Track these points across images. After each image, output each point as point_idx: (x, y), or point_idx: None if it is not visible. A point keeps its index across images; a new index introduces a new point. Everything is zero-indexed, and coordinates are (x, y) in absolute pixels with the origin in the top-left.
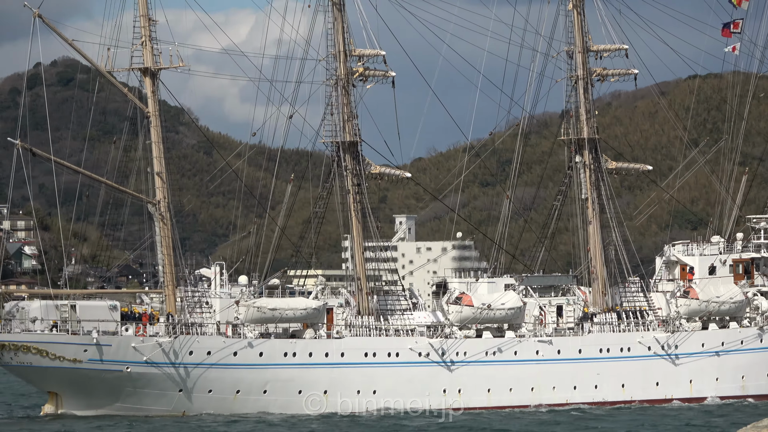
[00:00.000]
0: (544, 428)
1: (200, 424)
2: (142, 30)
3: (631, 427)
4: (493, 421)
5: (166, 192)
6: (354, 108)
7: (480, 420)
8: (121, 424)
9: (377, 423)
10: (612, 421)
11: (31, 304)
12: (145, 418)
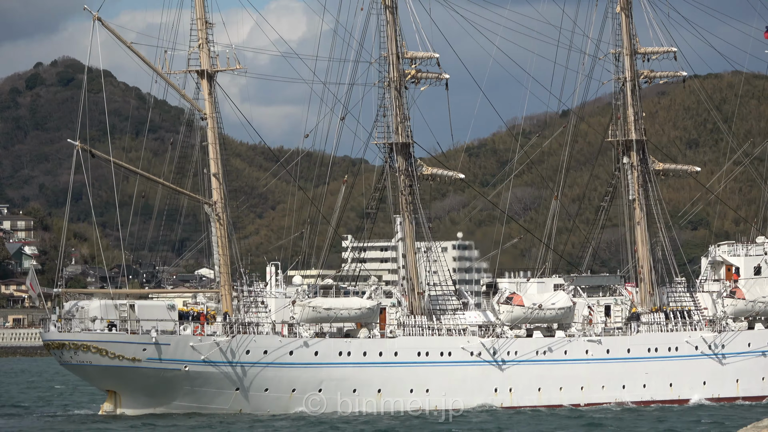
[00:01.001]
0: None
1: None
2: (198, 33)
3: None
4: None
5: (222, 193)
6: (406, 110)
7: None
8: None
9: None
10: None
11: (90, 304)
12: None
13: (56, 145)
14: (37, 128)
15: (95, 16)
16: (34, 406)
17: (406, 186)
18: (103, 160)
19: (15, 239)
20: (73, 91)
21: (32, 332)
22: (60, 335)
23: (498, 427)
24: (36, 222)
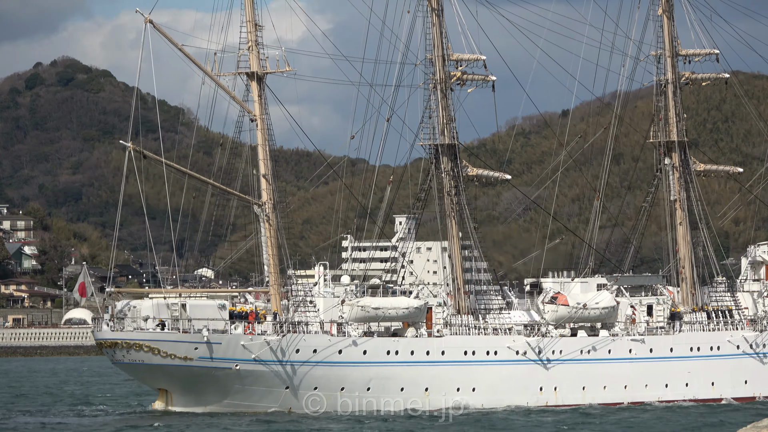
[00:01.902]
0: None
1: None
2: (248, 35)
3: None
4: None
5: (271, 193)
6: (452, 111)
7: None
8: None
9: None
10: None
11: (142, 303)
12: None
13: (56, 145)
14: (37, 128)
15: (147, 19)
16: (82, 405)
17: (452, 187)
18: (154, 160)
19: (15, 239)
20: (72, 90)
21: (32, 332)
22: (113, 334)
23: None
24: (36, 222)
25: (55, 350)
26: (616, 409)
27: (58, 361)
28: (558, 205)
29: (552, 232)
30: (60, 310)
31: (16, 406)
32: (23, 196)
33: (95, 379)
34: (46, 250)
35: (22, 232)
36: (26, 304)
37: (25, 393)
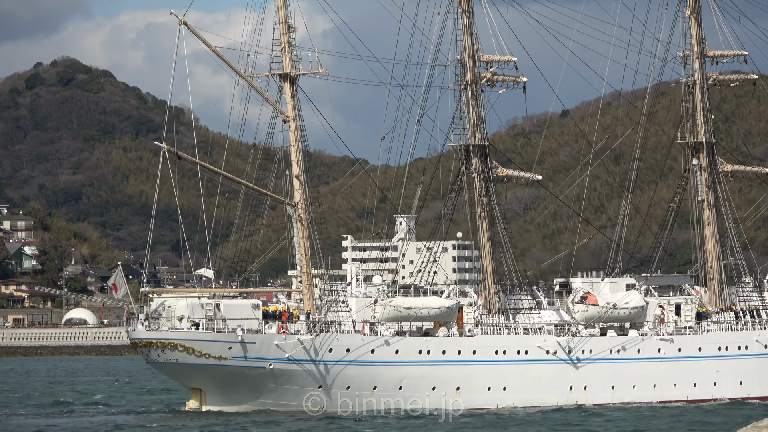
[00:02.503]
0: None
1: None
2: (281, 37)
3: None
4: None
5: (304, 194)
6: (482, 112)
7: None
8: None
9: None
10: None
11: (177, 303)
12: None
13: (56, 145)
14: (37, 128)
15: (181, 21)
16: (113, 404)
17: (482, 187)
18: (189, 162)
19: (15, 239)
20: (72, 90)
21: (32, 332)
22: (147, 334)
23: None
24: (36, 222)
25: (55, 350)
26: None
27: (67, 361)
28: (558, 204)
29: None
30: (60, 310)
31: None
32: (23, 196)
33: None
34: (46, 250)
35: (22, 232)
36: (26, 304)
37: (61, 391)
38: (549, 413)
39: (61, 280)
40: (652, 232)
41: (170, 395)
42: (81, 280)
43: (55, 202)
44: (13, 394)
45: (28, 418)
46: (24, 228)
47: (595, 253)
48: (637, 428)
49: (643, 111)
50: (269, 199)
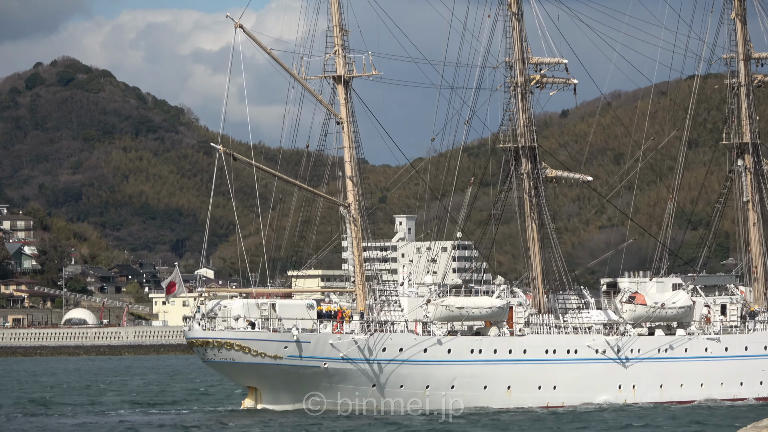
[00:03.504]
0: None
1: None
2: (335, 39)
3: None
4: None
5: (357, 195)
6: (532, 114)
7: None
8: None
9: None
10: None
11: (233, 303)
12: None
13: (56, 145)
14: (37, 128)
15: (237, 24)
16: (162, 403)
17: (531, 188)
18: (244, 163)
19: (15, 239)
20: (72, 90)
21: (32, 332)
22: (204, 333)
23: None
24: (36, 222)
25: (55, 350)
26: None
27: (77, 361)
28: (558, 205)
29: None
30: (60, 310)
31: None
32: (23, 196)
33: (156, 377)
34: (46, 250)
35: (22, 232)
36: (26, 304)
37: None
38: (611, 411)
39: (61, 280)
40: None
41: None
42: (81, 280)
43: (55, 202)
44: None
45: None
46: (24, 228)
47: (640, 253)
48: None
49: (689, 112)
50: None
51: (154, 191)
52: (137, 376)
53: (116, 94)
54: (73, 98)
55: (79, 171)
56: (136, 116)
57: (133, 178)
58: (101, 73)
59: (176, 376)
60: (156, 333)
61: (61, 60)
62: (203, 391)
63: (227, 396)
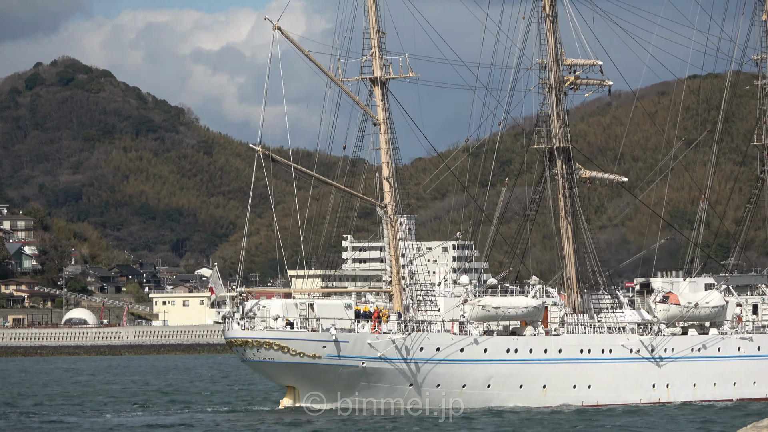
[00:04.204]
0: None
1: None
2: (372, 42)
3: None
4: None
5: (394, 196)
6: (566, 115)
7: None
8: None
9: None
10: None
11: (271, 303)
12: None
13: (56, 145)
14: (37, 128)
15: (275, 26)
16: (193, 403)
17: (566, 189)
18: (283, 165)
19: (15, 239)
20: (72, 90)
21: (32, 332)
22: (243, 333)
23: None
24: (36, 222)
25: (55, 350)
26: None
27: (85, 361)
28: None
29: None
30: (60, 310)
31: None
32: (23, 196)
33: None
34: (46, 250)
35: (22, 232)
36: (26, 304)
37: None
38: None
39: (61, 280)
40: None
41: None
42: (81, 280)
43: (55, 202)
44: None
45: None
46: (24, 228)
47: (671, 253)
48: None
49: (721, 113)
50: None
51: (154, 191)
52: (160, 374)
53: (116, 94)
54: (73, 98)
55: (79, 171)
56: (136, 116)
57: (133, 178)
58: (101, 73)
59: (198, 375)
60: (156, 333)
61: (61, 60)
62: (240, 390)
63: (263, 396)
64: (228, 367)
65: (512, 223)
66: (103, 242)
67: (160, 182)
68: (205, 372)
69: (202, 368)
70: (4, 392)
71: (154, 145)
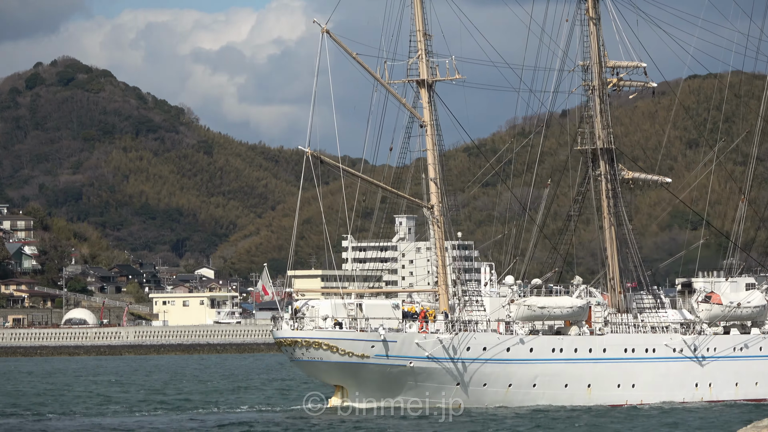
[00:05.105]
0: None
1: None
2: (418, 44)
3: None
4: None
5: (440, 197)
6: (609, 116)
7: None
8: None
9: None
10: None
11: (320, 303)
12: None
13: (56, 145)
14: (37, 128)
15: (323, 29)
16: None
17: (609, 190)
18: (331, 166)
19: (15, 239)
20: (72, 90)
21: (32, 332)
22: (293, 333)
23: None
24: (36, 222)
25: (55, 350)
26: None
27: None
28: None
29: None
30: (60, 310)
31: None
32: (23, 196)
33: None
34: (46, 250)
35: (22, 232)
36: (26, 304)
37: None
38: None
39: (61, 280)
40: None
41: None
42: (81, 280)
43: (55, 202)
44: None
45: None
46: (24, 228)
47: (710, 253)
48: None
49: (760, 113)
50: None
51: (154, 191)
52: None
53: (116, 94)
54: (73, 98)
55: (79, 171)
56: (136, 116)
57: (133, 178)
58: (101, 73)
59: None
60: (156, 333)
61: (61, 60)
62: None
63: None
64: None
65: (511, 223)
66: (103, 242)
67: (160, 182)
68: (254, 373)
69: (210, 368)
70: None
71: (154, 145)
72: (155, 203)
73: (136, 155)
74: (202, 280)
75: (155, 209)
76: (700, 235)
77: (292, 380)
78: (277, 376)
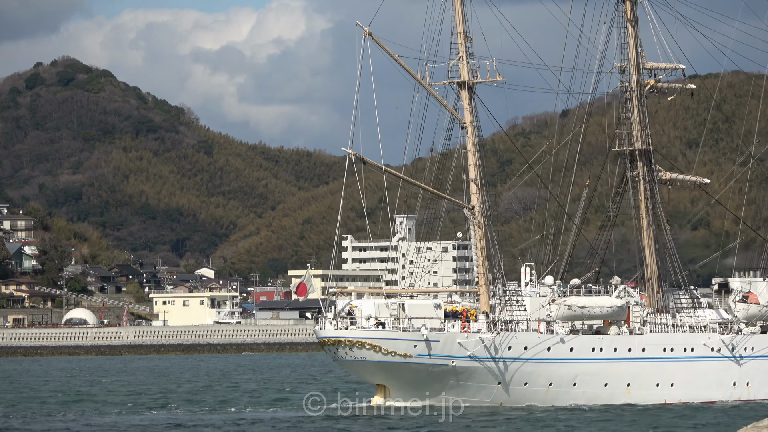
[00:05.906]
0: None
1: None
2: (459, 46)
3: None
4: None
5: (481, 198)
6: (646, 118)
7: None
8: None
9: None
10: None
11: (363, 302)
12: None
13: (56, 145)
14: (37, 128)
15: (366, 32)
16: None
17: (647, 191)
18: (374, 168)
19: (15, 239)
20: (72, 90)
21: (32, 332)
22: (336, 333)
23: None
24: (36, 222)
25: (55, 350)
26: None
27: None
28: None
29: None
30: (60, 310)
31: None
32: (23, 196)
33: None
34: (46, 250)
35: (22, 232)
36: (26, 304)
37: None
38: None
39: (61, 280)
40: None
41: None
42: (81, 280)
43: (55, 202)
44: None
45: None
46: (24, 228)
47: (751, 252)
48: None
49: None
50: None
51: (154, 191)
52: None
53: (116, 94)
54: (73, 98)
55: (79, 171)
56: (136, 116)
57: (134, 178)
58: (101, 73)
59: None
60: (156, 333)
61: (61, 60)
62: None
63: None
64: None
65: (512, 223)
66: (103, 242)
67: (160, 182)
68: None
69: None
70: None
71: (154, 145)
72: (155, 203)
73: (136, 155)
74: (202, 280)
75: (155, 209)
76: (699, 236)
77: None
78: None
